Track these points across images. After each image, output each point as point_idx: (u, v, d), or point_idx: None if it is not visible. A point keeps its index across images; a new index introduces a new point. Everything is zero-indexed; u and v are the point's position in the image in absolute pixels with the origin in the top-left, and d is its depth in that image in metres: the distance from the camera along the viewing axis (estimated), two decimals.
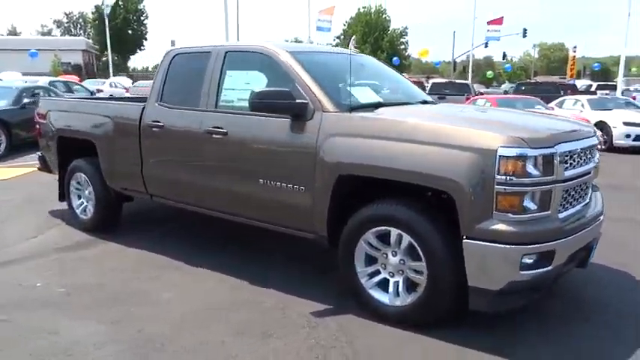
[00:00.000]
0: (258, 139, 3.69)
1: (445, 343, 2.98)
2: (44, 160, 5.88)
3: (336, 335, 3.09)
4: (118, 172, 4.84)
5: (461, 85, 19.52)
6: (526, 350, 2.94)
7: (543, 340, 3.04)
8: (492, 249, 2.75)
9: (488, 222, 2.76)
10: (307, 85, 3.53)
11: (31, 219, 5.79)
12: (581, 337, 3.10)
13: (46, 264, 4.44)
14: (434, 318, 3.07)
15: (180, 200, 4.44)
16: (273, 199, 3.63)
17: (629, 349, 2.96)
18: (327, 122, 3.36)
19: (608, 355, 2.94)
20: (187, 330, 3.20)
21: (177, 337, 3.11)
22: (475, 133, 2.86)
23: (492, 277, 2.81)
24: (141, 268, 4.28)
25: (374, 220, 3.17)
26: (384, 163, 3.05)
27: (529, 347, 2.96)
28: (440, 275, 2.95)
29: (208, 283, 3.94)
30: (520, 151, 2.72)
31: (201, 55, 4.30)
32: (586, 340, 3.06)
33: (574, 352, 2.94)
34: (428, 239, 2.96)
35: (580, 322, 3.27)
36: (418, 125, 3.09)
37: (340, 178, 3.24)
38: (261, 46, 3.91)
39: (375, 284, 3.28)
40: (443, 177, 2.84)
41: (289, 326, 3.22)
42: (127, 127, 4.68)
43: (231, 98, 3.99)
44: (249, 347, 2.97)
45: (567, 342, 3.03)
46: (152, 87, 4.57)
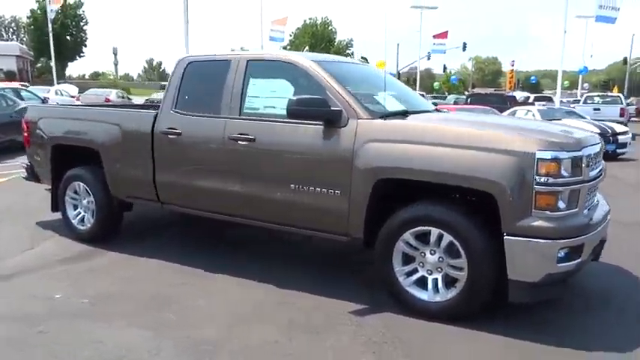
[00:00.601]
0: (290, 145, 3.79)
1: (487, 334, 3.20)
2: (32, 169, 5.66)
3: (383, 332, 3.23)
4: (125, 180, 4.76)
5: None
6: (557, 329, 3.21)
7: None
8: (532, 244, 3.00)
9: (528, 219, 3.01)
10: (340, 93, 3.68)
11: (19, 230, 5.55)
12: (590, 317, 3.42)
13: (55, 275, 4.30)
14: (472, 311, 3.29)
15: (197, 207, 4.44)
16: (305, 204, 3.74)
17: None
18: (363, 129, 3.52)
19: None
20: (235, 333, 3.24)
21: (227, 340, 3.15)
22: (513, 137, 3.12)
23: (532, 270, 3.07)
24: (160, 277, 4.24)
25: (414, 221, 3.35)
26: (426, 167, 3.25)
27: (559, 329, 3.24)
28: (480, 270, 3.18)
29: (236, 288, 3.97)
30: (555, 154, 3.01)
31: (219, 64, 4.35)
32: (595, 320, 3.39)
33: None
34: (469, 237, 3.18)
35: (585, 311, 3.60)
36: (458, 131, 3.32)
37: (379, 181, 3.41)
38: (288, 56, 4.03)
39: (412, 282, 3.45)
40: (485, 179, 3.07)
41: (334, 325, 3.33)
42: (137, 134, 4.62)
43: (257, 106, 4.06)
44: (305, 346, 3.06)
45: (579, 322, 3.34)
46: (165, 94, 4.56)
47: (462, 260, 3.23)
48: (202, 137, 4.24)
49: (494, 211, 3.14)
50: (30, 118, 5.51)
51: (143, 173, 4.60)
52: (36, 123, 5.41)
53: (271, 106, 3.99)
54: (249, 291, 3.91)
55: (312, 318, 3.44)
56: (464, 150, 3.17)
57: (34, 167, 5.62)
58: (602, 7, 20.27)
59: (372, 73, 4.60)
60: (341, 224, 3.64)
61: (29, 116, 5.55)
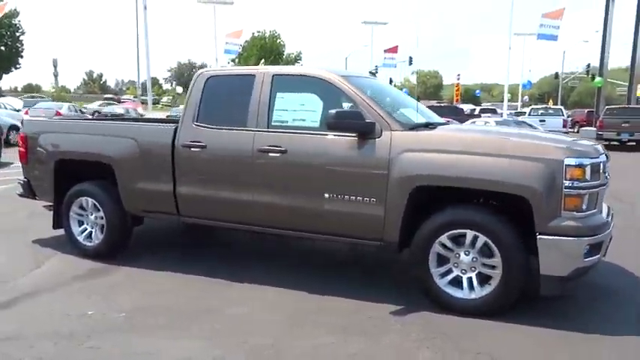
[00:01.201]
0: (324, 155, 3.97)
1: (520, 325, 3.48)
2: (29, 185, 5.48)
3: (427, 329, 3.45)
4: (140, 194, 4.74)
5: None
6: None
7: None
8: (563, 242, 3.34)
9: (558, 220, 3.34)
10: (372, 106, 3.91)
11: (18, 249, 5.37)
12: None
13: (77, 293, 4.22)
14: (506, 306, 3.57)
15: (221, 218, 4.49)
16: (339, 212, 3.92)
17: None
18: (398, 139, 3.76)
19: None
20: (289, 337, 3.35)
21: (285, 344, 3.26)
22: (543, 146, 3.47)
23: (562, 265, 3.39)
24: (189, 289, 4.26)
25: (451, 225, 3.61)
26: (463, 174, 3.53)
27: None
28: (514, 268, 3.47)
29: (271, 296, 4.07)
30: (580, 160, 3.37)
31: (242, 78, 4.48)
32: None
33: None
34: (503, 238, 3.47)
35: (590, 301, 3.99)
36: (491, 140, 3.63)
37: (416, 188, 3.65)
38: (316, 71, 4.21)
39: (447, 282, 3.70)
40: (520, 184, 3.38)
41: (380, 325, 3.52)
42: (156, 147, 4.64)
43: (285, 118, 4.21)
44: (364, 345, 3.23)
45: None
46: (185, 108, 4.61)
47: (496, 259, 3.52)
48: (229, 149, 4.32)
49: (523, 213, 3.46)
50: (29, 133, 5.36)
51: (162, 186, 4.61)
52: (36, 138, 5.28)
53: (301, 119, 4.16)
54: (284, 298, 4.02)
55: (356, 320, 3.60)
56: (498, 158, 3.47)
57: (31, 183, 5.45)
58: (543, 26, 21.82)
59: (386, 87, 4.87)
60: (376, 230, 3.84)
61: (28, 131, 5.40)
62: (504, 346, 3.22)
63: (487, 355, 3.10)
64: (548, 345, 3.26)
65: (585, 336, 3.38)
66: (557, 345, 3.27)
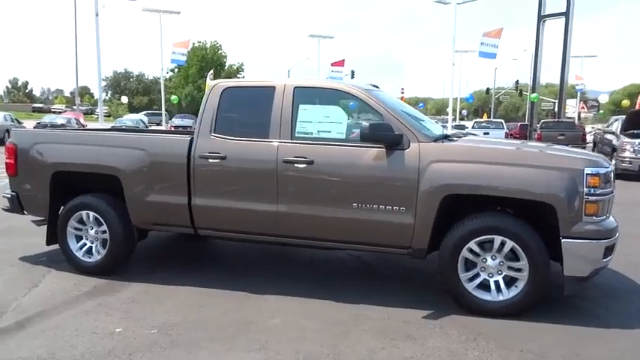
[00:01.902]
0: (352, 166, 4.07)
1: (546, 323, 3.73)
2: (17, 199, 5.15)
3: (466, 330, 3.61)
4: (150, 207, 4.62)
5: None
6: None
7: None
8: (585, 244, 3.63)
9: (581, 224, 3.64)
10: (398, 119, 4.07)
11: (4, 269, 5.02)
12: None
13: (92, 310, 4.04)
14: (531, 306, 3.81)
15: (241, 230, 4.46)
16: (368, 221, 4.02)
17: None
18: (426, 150, 3.93)
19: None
20: (340, 344, 3.41)
21: (340, 351, 3.31)
22: (564, 157, 3.77)
23: (584, 267, 3.69)
24: (215, 302, 4.19)
25: (480, 231, 3.82)
26: (492, 183, 3.75)
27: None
28: (539, 270, 3.73)
29: (300, 305, 4.09)
30: (597, 170, 3.69)
31: (262, 89, 4.51)
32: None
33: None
34: (530, 243, 3.72)
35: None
36: (515, 152, 3.89)
37: (446, 197, 3.83)
38: (340, 85, 4.33)
39: (475, 286, 3.90)
40: (547, 192, 3.65)
41: (421, 330, 3.65)
42: (169, 159, 4.55)
43: (310, 130, 4.28)
44: (414, 348, 3.34)
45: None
46: (200, 119, 4.55)
47: (523, 263, 3.76)
48: (252, 160, 4.32)
49: (545, 219, 3.73)
50: (19, 144, 5.06)
51: (175, 198, 4.52)
52: (28, 149, 5.00)
53: (326, 131, 4.24)
54: (315, 308, 4.05)
55: (394, 326, 3.71)
56: (526, 168, 3.73)
57: (20, 197, 5.13)
58: (484, 44, 23.13)
59: (398, 101, 5.04)
60: (405, 238, 3.98)
61: (17, 141, 5.09)
62: (542, 344, 3.44)
63: (530, 352, 3.30)
64: (578, 341, 3.52)
65: (605, 330, 3.68)
66: (585, 340, 3.53)
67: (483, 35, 22.97)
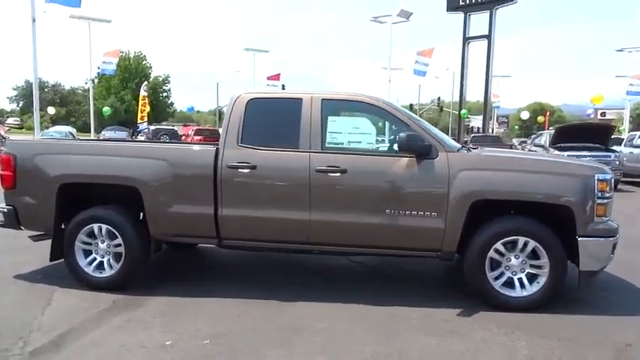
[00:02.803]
0: (384, 174, 4.29)
1: (564, 315, 4.14)
2: (15, 213, 4.83)
3: (504, 324, 3.92)
4: (172, 219, 4.54)
5: None
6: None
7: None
8: (600, 242, 4.10)
9: (593, 224, 4.10)
10: (425, 130, 4.36)
11: (5, 288, 4.69)
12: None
13: (125, 325, 3.92)
14: (551, 300, 4.21)
15: (270, 239, 4.51)
16: (401, 227, 4.25)
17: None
18: (454, 159, 4.24)
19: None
20: (395, 343, 3.58)
21: (402, 348, 3.49)
22: (577, 165, 4.24)
23: (596, 262, 4.15)
24: (249, 310, 4.20)
25: (506, 233, 4.17)
26: (518, 189, 4.13)
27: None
28: (559, 267, 4.14)
29: (334, 310, 4.21)
30: (604, 176, 4.18)
31: (288, 101, 4.62)
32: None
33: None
34: (550, 242, 4.13)
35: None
36: (535, 161, 4.30)
37: (474, 202, 4.15)
38: (366, 97, 4.54)
39: (501, 284, 4.24)
40: (566, 196, 4.08)
41: (463, 325, 3.92)
42: (194, 169, 4.52)
43: (341, 140, 4.45)
44: (464, 343, 3.59)
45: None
46: (226, 129, 4.57)
47: (543, 260, 4.15)
48: (284, 170, 4.41)
49: (560, 220, 4.16)
50: (19, 154, 4.77)
51: (200, 209, 4.49)
52: (29, 159, 4.74)
53: (357, 141, 4.43)
54: (351, 311, 4.19)
55: (435, 323, 3.95)
56: (545, 175, 4.16)
57: (17, 211, 4.82)
58: (417, 63, 24.44)
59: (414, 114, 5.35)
60: (436, 242, 4.25)
61: (16, 152, 4.80)
62: (572, 332, 3.81)
63: (567, 340, 3.67)
64: (602, 328, 3.93)
65: (620, 317, 4.16)
66: (608, 327, 3.96)
67: (417, 54, 24.28)
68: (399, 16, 24.68)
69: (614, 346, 3.61)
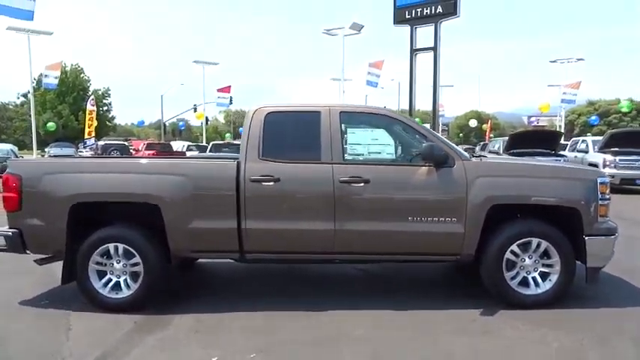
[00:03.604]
0: (406, 183, 4.47)
1: (578, 310, 4.46)
2: (19, 236, 4.60)
3: (530, 322, 4.16)
4: (193, 234, 4.50)
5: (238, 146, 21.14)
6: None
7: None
8: (605, 240, 4.46)
9: (597, 224, 4.46)
10: (442, 141, 4.59)
11: (16, 314, 4.47)
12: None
13: (160, 345, 3.86)
14: (563, 295, 4.52)
15: (297, 250, 4.56)
16: (423, 233, 4.44)
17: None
18: (470, 167, 4.49)
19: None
20: (437, 345, 3.75)
21: (449, 350, 3.65)
22: (581, 170, 4.60)
23: (601, 258, 4.50)
24: (282, 322, 4.25)
25: (521, 234, 4.45)
26: (531, 193, 4.43)
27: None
28: (569, 265, 4.46)
29: (363, 317, 4.32)
30: (604, 179, 4.57)
31: (306, 114, 4.71)
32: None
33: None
34: (561, 242, 4.45)
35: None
36: (545, 167, 4.63)
37: (492, 207, 4.41)
38: (383, 110, 4.73)
39: (517, 283, 4.51)
40: (574, 199, 4.42)
41: (490, 325, 4.14)
42: (216, 183, 4.52)
43: (361, 152, 4.60)
44: (499, 339, 3.83)
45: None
46: (246, 143, 4.59)
47: (555, 259, 4.46)
48: (308, 181, 4.49)
49: (567, 221, 4.50)
50: (24, 174, 4.57)
51: (222, 223, 4.48)
52: (37, 179, 4.56)
53: (376, 152, 4.60)
54: (380, 317, 4.32)
55: (465, 325, 4.15)
56: (554, 179, 4.49)
57: (23, 234, 4.60)
58: (370, 74, 25.08)
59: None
60: (456, 246, 4.47)
61: (22, 172, 4.60)
62: (591, 325, 4.12)
63: (589, 332, 3.97)
64: (615, 318, 4.29)
65: (615, 310, 4.52)
66: (620, 317, 4.31)
67: (369, 66, 24.90)
68: (351, 28, 25.34)
69: (631, 335, 3.94)
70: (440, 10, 27.95)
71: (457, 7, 25.95)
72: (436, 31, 29.49)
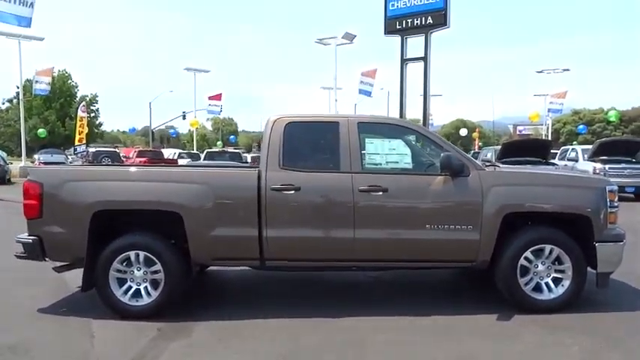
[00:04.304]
0: (424, 192, 4.59)
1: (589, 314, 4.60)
2: (40, 243, 4.62)
3: (546, 326, 4.29)
4: (215, 242, 4.56)
5: (234, 154, 21.15)
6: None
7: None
8: (614, 246, 4.62)
9: (607, 231, 4.62)
10: (457, 151, 4.73)
11: (40, 325, 4.47)
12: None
13: (196, 353, 3.91)
14: (576, 300, 4.66)
15: (314, 257, 4.65)
16: (440, 240, 4.56)
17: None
18: (485, 177, 4.63)
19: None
20: (464, 350, 3.85)
21: (480, 350, 3.76)
22: (590, 179, 4.76)
23: (611, 264, 4.65)
24: (304, 329, 4.32)
25: (535, 241, 4.59)
26: (545, 202, 4.59)
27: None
28: (581, 270, 4.61)
29: (383, 323, 4.42)
30: (612, 187, 4.74)
31: (325, 125, 4.84)
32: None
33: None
34: (573, 249, 4.60)
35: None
36: (557, 176, 4.79)
37: (507, 214, 4.55)
38: (400, 120, 4.86)
39: (531, 289, 4.64)
40: (586, 207, 4.58)
41: (509, 330, 4.28)
42: (237, 192, 4.60)
43: (379, 161, 4.72)
44: (522, 344, 3.95)
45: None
46: (267, 152, 4.67)
47: (566, 265, 4.60)
48: (329, 190, 4.58)
49: (580, 228, 4.65)
50: (46, 182, 4.60)
51: (244, 231, 4.55)
52: (58, 187, 4.59)
53: (394, 162, 4.72)
54: (400, 323, 4.42)
55: (487, 329, 4.28)
56: (566, 188, 4.65)
57: (43, 241, 4.63)
58: (362, 83, 25.30)
59: None
60: (472, 252, 4.59)
61: (44, 180, 4.63)
62: (606, 328, 4.27)
63: (605, 335, 4.11)
64: (628, 323, 4.44)
65: (626, 314, 4.68)
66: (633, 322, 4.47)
67: (362, 75, 25.14)
68: (344, 38, 25.62)
69: None
70: (430, 21, 28.18)
71: (447, 18, 26.22)
72: (426, 41, 29.77)
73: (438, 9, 24.81)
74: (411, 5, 25.20)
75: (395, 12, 27.76)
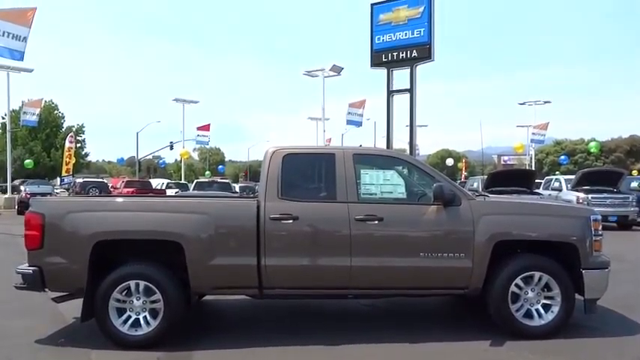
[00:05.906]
0: (418, 221, 4.76)
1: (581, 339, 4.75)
2: (40, 274, 4.67)
3: (534, 351, 4.44)
4: (214, 271, 4.65)
5: (224, 184, 21.24)
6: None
7: None
8: (600, 273, 4.80)
9: (593, 258, 4.81)
10: (449, 181, 4.94)
11: (40, 356, 4.49)
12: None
13: None
14: (565, 326, 4.81)
15: (312, 285, 4.75)
16: (434, 268, 4.71)
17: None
18: (476, 206, 4.82)
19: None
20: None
21: None
22: (575, 208, 4.98)
23: (599, 290, 4.83)
24: (314, 356, 4.43)
25: (525, 268, 4.76)
26: (534, 231, 4.79)
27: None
28: (570, 297, 4.77)
29: (385, 350, 4.52)
30: (596, 217, 4.96)
31: (322, 156, 5.03)
32: None
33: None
34: (561, 275, 4.77)
35: None
36: (545, 205, 5.00)
37: (498, 242, 4.73)
38: (394, 152, 5.06)
39: (522, 315, 4.79)
40: (572, 235, 4.78)
41: (503, 355, 4.41)
42: (237, 221, 4.72)
43: (374, 191, 4.89)
44: None
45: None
46: (265, 183, 4.82)
47: (555, 291, 4.77)
48: (326, 220, 4.73)
49: (567, 255, 4.83)
50: (47, 213, 4.68)
51: (243, 260, 4.66)
52: (60, 218, 4.68)
53: (389, 192, 4.90)
54: (402, 350, 4.53)
55: (482, 355, 4.42)
56: (554, 217, 4.87)
57: (43, 272, 4.67)
58: (350, 114, 25.79)
59: None
60: (464, 280, 4.74)
61: (44, 211, 4.71)
62: (594, 352, 4.44)
63: (592, 357, 4.27)
64: (615, 348, 4.60)
65: (613, 339, 4.84)
66: (618, 346, 4.63)
67: (349, 106, 25.62)
68: (331, 70, 26.21)
69: None
70: (415, 54, 28.88)
71: (432, 52, 26.94)
72: (412, 73, 30.42)
73: (423, 43, 25.46)
74: (397, 39, 25.86)
75: (381, 45, 28.46)
